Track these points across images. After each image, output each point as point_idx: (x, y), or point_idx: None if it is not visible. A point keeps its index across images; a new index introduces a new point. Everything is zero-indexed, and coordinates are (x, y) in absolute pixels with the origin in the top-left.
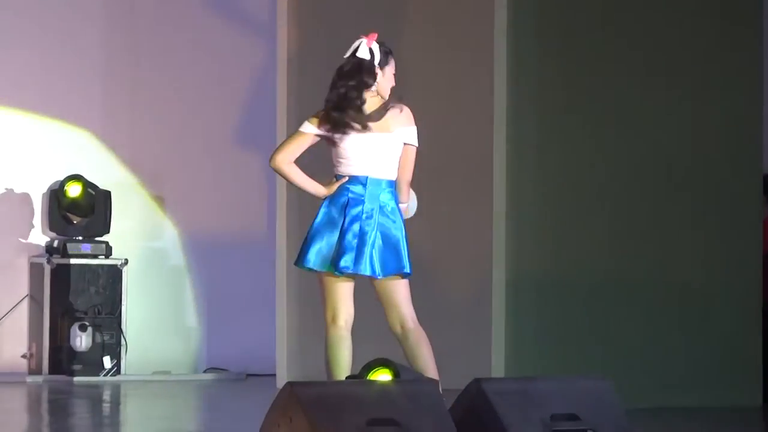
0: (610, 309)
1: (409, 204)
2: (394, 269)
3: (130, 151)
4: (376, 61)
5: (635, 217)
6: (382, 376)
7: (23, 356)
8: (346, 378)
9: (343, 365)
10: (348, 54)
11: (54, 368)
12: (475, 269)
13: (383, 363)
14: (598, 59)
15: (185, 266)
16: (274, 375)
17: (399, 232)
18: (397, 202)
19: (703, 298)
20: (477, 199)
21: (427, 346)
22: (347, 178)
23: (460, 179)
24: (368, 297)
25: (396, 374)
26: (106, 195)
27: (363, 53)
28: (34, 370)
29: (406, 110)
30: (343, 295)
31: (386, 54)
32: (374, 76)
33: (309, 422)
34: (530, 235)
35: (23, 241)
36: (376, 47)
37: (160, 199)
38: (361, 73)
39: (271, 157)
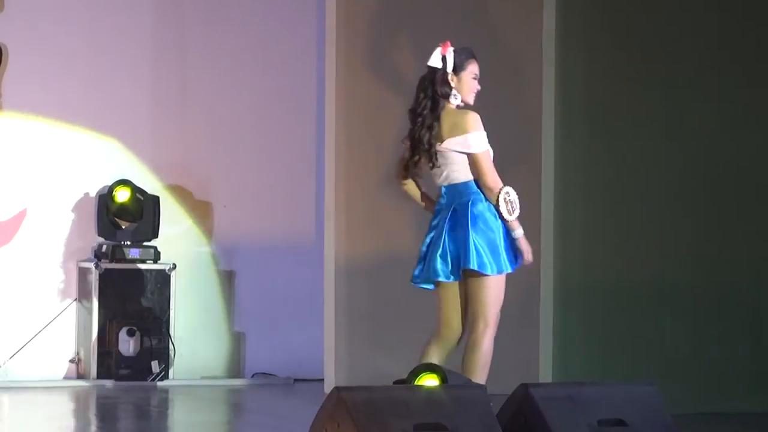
0: (658, 314)
1: (500, 205)
2: (458, 268)
3: (178, 156)
4: (449, 68)
5: (683, 223)
6: (429, 381)
7: (71, 360)
8: (393, 383)
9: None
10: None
11: (101, 373)
12: (523, 274)
13: (430, 368)
14: (645, 62)
15: (233, 271)
16: (322, 380)
17: (467, 229)
18: (480, 201)
19: (752, 304)
20: (524, 205)
21: (475, 355)
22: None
23: (509, 184)
24: (419, 301)
25: (443, 379)
26: (155, 200)
27: (434, 62)
28: (82, 375)
29: (465, 117)
30: (445, 308)
31: (464, 59)
32: (448, 85)
33: (356, 427)
34: (578, 240)
35: (71, 245)
36: (450, 54)
37: (208, 205)
38: (434, 83)
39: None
